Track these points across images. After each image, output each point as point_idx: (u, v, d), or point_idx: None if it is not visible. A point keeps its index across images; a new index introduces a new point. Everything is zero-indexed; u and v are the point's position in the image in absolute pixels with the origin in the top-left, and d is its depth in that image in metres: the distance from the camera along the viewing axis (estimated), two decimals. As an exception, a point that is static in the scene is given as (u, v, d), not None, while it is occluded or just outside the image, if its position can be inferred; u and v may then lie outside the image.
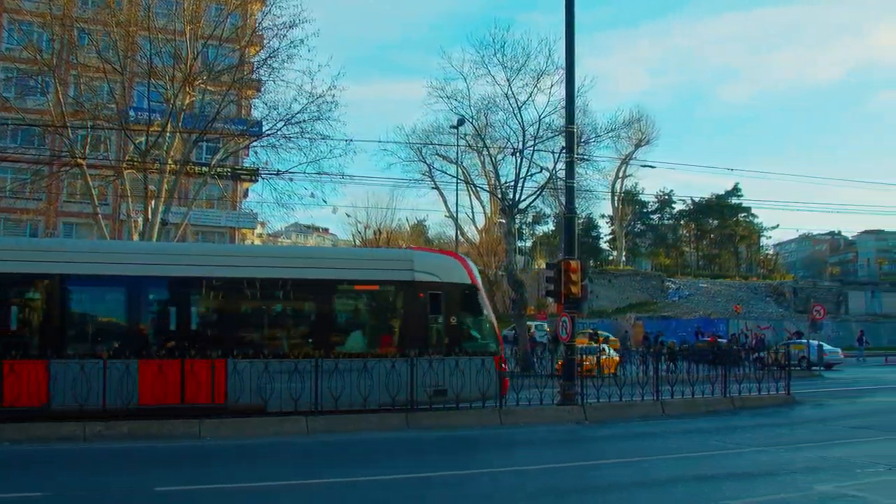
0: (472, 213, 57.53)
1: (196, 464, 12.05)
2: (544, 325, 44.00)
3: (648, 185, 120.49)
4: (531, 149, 32.10)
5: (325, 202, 31.31)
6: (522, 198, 33.71)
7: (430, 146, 39.37)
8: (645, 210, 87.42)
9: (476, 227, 58.33)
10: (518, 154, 32.41)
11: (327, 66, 39.47)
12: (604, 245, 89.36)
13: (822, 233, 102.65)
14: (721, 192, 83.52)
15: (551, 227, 75.99)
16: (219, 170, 30.14)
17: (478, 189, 44.26)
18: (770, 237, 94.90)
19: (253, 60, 28.69)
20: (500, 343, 17.94)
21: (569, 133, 19.38)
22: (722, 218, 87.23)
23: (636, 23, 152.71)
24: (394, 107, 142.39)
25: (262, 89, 28.37)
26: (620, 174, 70.79)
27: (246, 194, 47.43)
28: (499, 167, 36.25)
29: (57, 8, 25.76)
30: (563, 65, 20.16)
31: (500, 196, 35.40)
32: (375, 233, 58.35)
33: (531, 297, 42.47)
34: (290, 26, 25.99)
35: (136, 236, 26.95)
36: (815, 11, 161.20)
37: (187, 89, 26.72)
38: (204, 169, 30.14)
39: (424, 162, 40.12)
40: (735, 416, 17.92)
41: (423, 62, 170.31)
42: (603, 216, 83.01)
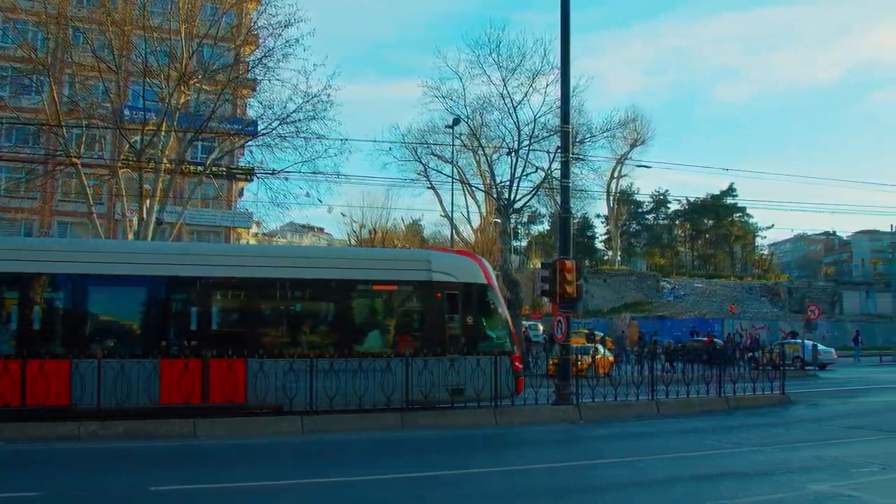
0: (468, 212, 57.43)
1: (194, 463, 12.04)
2: (538, 324, 44.05)
3: (644, 185, 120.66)
4: (526, 148, 32.23)
5: (320, 201, 31.26)
6: (518, 197, 33.86)
7: (426, 146, 39.40)
8: (640, 210, 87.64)
9: (471, 227, 58.23)
10: (513, 154, 32.50)
11: (323, 66, 39.30)
12: (599, 245, 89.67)
13: (817, 233, 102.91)
14: (716, 192, 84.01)
15: (546, 226, 76.31)
16: (214, 169, 30.04)
17: (473, 189, 44.29)
18: (765, 237, 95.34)
19: (248, 60, 28.64)
20: (516, 342, 18.01)
21: (564, 133, 19.39)
22: (717, 218, 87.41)
23: (628, 23, 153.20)
24: (389, 106, 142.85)
25: (258, 88, 28.31)
26: (616, 174, 70.90)
27: (241, 194, 47.27)
28: (494, 167, 36.37)
29: (52, 6, 25.70)
30: (559, 64, 20.26)
31: (495, 196, 35.44)
32: (371, 232, 58.18)
33: (526, 296, 42.56)
34: (286, 25, 26.05)
35: (130, 236, 26.90)
36: (814, 11, 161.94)
37: (182, 88, 26.69)
38: (199, 168, 30.12)
39: (420, 161, 40.14)
40: (730, 416, 17.96)
41: (419, 62, 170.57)
42: (598, 216, 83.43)
